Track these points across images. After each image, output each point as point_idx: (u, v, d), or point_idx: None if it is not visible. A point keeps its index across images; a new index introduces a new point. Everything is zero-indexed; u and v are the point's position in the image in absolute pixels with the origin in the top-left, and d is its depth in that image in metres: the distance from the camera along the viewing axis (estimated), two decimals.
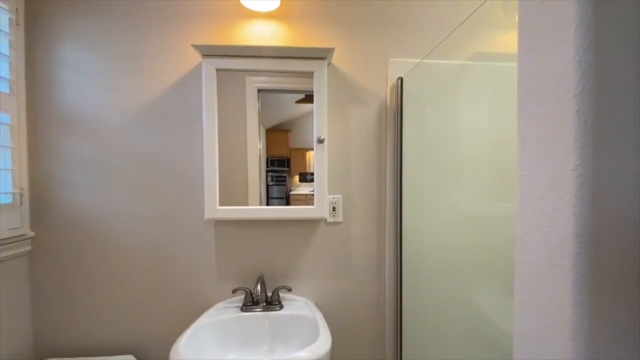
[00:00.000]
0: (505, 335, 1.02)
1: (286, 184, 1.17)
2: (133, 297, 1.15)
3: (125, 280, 1.14)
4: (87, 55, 1.11)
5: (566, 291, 0.35)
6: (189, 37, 1.12)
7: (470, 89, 1.16)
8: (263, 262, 1.17)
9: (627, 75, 0.33)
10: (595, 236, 0.33)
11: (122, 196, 1.13)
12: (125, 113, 1.12)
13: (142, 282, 1.15)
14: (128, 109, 1.12)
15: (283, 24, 1.14)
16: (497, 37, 1.19)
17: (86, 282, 1.14)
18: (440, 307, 1.17)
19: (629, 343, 0.33)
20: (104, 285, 1.14)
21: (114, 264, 1.14)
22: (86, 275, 1.13)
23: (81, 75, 1.11)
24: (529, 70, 0.41)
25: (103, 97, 1.11)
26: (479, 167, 1.15)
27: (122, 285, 1.14)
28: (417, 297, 1.18)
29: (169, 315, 1.16)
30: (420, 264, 1.19)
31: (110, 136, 1.12)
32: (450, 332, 1.13)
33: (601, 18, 0.33)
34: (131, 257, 1.14)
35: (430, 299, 1.18)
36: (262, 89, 1.12)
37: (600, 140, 0.33)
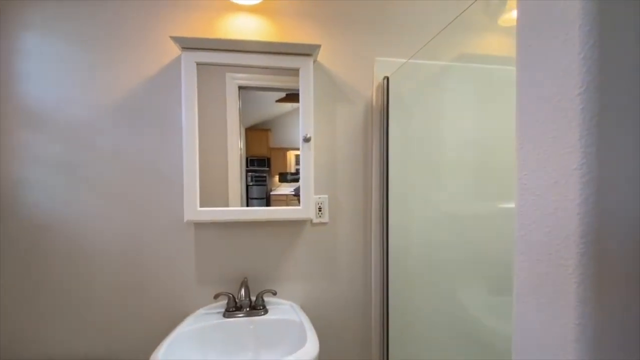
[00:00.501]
0: (490, 333, 1.04)
1: (266, 184, 1.14)
2: (106, 305, 1.07)
3: (97, 288, 1.06)
4: (55, 45, 1.02)
5: (570, 292, 0.35)
6: (167, 28, 1.06)
7: (454, 89, 1.17)
8: (246, 265, 1.13)
9: (632, 73, 0.32)
10: (600, 236, 0.33)
11: (92, 198, 1.05)
12: (96, 108, 1.04)
13: (115, 289, 1.07)
14: (99, 104, 1.04)
15: (267, 19, 1.10)
16: (481, 40, 1.22)
17: (53, 290, 1.04)
18: (426, 305, 1.18)
19: (633, 344, 0.33)
20: (73, 294, 1.05)
21: (84, 270, 1.06)
22: (53, 283, 1.04)
23: (48, 67, 1.02)
24: (529, 67, 0.40)
25: (72, 91, 1.03)
26: (462, 167, 1.17)
27: (93, 293, 1.06)
28: (404, 296, 1.18)
29: (146, 323, 1.08)
30: (406, 263, 1.19)
31: (80, 133, 1.04)
32: (437, 331, 1.14)
33: (606, 15, 0.32)
34: (104, 263, 1.06)
35: (416, 297, 1.19)
36: (243, 87, 1.08)
37: (605, 139, 0.32)
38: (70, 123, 1.03)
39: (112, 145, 1.05)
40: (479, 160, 1.15)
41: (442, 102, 1.18)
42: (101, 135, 1.05)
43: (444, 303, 1.14)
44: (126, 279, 1.07)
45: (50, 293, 1.04)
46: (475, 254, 1.11)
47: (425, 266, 1.18)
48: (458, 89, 1.18)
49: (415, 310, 1.18)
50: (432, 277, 1.17)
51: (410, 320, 1.18)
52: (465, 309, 1.10)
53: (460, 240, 1.15)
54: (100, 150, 1.05)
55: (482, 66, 1.17)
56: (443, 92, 1.18)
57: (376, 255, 1.20)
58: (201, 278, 1.11)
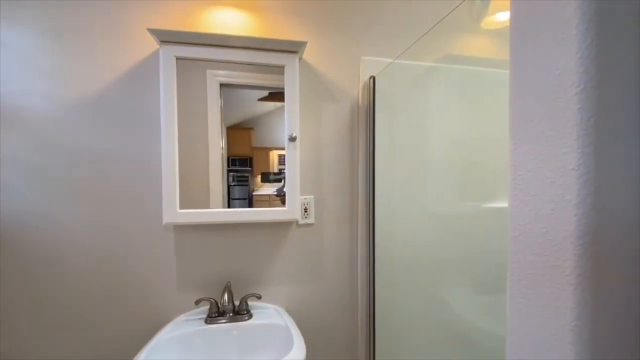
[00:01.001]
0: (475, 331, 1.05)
1: (249, 185, 1.10)
2: (81, 312, 1.00)
3: (71, 295, 0.99)
4: (23, 35, 0.94)
5: (567, 293, 0.34)
6: (144, 19, 1.00)
7: (439, 90, 1.18)
8: (230, 269, 1.08)
9: (630, 72, 0.32)
10: (597, 237, 0.32)
11: (61, 201, 0.97)
12: (68, 104, 0.97)
13: (90, 296, 1.00)
14: (71, 100, 0.97)
15: (252, 15, 1.07)
16: (464, 42, 1.23)
17: (24, 298, 0.96)
18: (412, 304, 1.18)
19: (630, 346, 0.33)
20: (45, 301, 0.98)
21: (58, 277, 0.98)
22: (24, 291, 0.96)
23: (14, 59, 0.94)
24: (523, 66, 0.40)
25: (41, 86, 0.95)
26: (447, 167, 1.18)
27: (67, 300, 0.99)
28: (390, 296, 1.17)
29: (123, 332, 1.02)
30: (392, 263, 1.19)
31: (47, 130, 0.96)
32: (422, 330, 1.15)
33: (603, 14, 0.32)
34: (78, 269, 0.99)
35: (402, 297, 1.19)
36: (225, 84, 1.04)
37: (603, 139, 0.32)
38: (39, 120, 0.95)
39: (86, 144, 0.98)
40: (464, 160, 1.17)
41: (427, 103, 1.19)
42: (74, 133, 0.98)
43: (429, 302, 1.14)
44: (101, 285, 1.01)
45: (21, 301, 0.96)
46: (460, 254, 1.12)
47: (411, 266, 1.19)
48: (443, 90, 1.19)
49: (401, 310, 1.18)
50: (418, 277, 1.18)
51: (397, 320, 1.18)
52: (451, 307, 1.11)
53: (445, 240, 1.16)
54: (73, 149, 0.98)
55: (466, 67, 1.18)
56: (428, 92, 1.18)
57: (362, 256, 1.19)
58: (182, 283, 1.06)
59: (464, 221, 1.15)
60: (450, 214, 1.16)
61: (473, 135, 1.14)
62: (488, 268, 1.05)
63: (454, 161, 1.17)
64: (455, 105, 1.17)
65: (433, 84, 1.18)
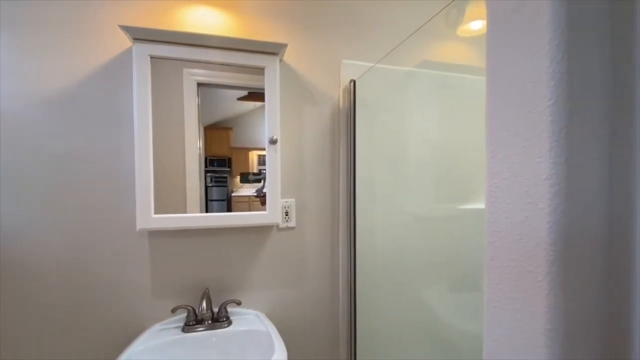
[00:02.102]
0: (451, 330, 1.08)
1: (227, 186, 1.07)
2: (48, 324, 0.94)
3: (37, 307, 0.93)
4: None
5: (540, 298, 0.36)
6: (114, 15, 0.95)
7: (417, 94, 1.21)
8: (208, 275, 1.05)
9: (599, 87, 0.34)
10: (568, 244, 0.34)
11: (31, 205, 0.91)
12: (30, 102, 0.91)
13: (59, 305, 0.94)
14: (34, 98, 0.91)
15: (231, 15, 1.05)
16: (441, 48, 1.27)
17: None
18: (392, 305, 1.19)
19: (600, 346, 0.35)
20: (9, 314, 0.91)
21: (22, 286, 0.91)
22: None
23: None
24: (499, 78, 0.41)
25: (2, 82, 0.89)
26: (425, 169, 1.20)
27: (33, 312, 0.92)
28: (371, 297, 1.18)
29: (94, 343, 0.97)
30: (373, 265, 1.20)
31: (10, 130, 0.90)
32: (402, 329, 1.16)
33: (574, 30, 0.34)
34: (42, 278, 0.93)
35: (382, 298, 1.20)
36: (202, 83, 1.01)
37: (574, 150, 0.34)
38: (2, 120, 0.89)
39: (52, 145, 0.92)
40: (441, 163, 1.20)
41: (406, 106, 1.21)
42: (39, 134, 0.91)
43: (409, 302, 1.16)
44: (71, 295, 0.95)
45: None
46: (438, 254, 1.15)
47: (391, 267, 1.20)
48: (421, 94, 1.21)
49: (382, 311, 1.19)
50: (398, 278, 1.20)
51: (377, 321, 1.19)
52: (429, 307, 1.14)
53: (424, 241, 1.19)
54: (37, 150, 0.91)
55: (443, 73, 1.22)
56: (407, 96, 1.21)
57: (343, 258, 1.19)
58: (157, 291, 1.02)
59: (441, 222, 1.18)
60: (428, 215, 1.19)
61: (450, 139, 1.17)
62: (464, 268, 1.09)
63: (432, 164, 1.19)
64: (433, 110, 1.20)
65: (412, 88, 1.20)
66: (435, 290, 1.15)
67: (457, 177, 1.18)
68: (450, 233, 1.17)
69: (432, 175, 1.21)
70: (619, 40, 0.35)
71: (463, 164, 1.14)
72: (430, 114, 1.20)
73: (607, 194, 0.34)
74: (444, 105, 1.21)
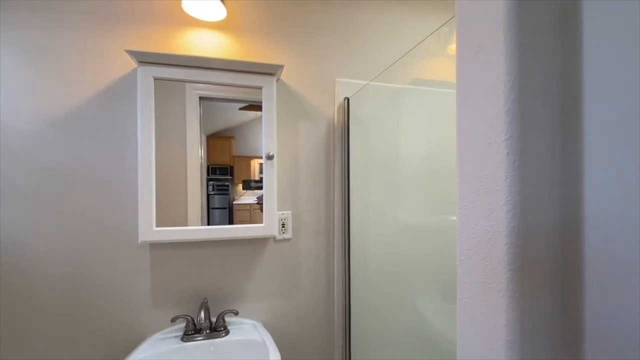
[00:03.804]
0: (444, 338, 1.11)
1: (229, 194, 1.11)
2: (52, 334, 0.97)
3: (42, 316, 0.97)
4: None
5: (501, 312, 0.39)
6: (121, 39, 1.01)
7: (409, 110, 1.26)
8: (207, 285, 1.09)
9: (546, 124, 0.39)
10: (523, 263, 0.38)
11: (32, 218, 0.96)
12: (39, 120, 0.96)
13: (63, 314, 0.98)
14: (46, 116, 0.96)
15: (230, 36, 1.10)
16: (433, 66, 1.32)
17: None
18: (386, 314, 1.22)
19: (556, 353, 0.39)
20: (14, 323, 0.95)
21: (26, 297, 0.95)
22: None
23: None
24: (466, 113, 0.45)
25: (12, 101, 0.94)
26: (417, 182, 1.25)
27: (38, 320, 0.96)
28: (365, 307, 1.22)
29: (96, 352, 1.00)
30: (367, 275, 1.23)
31: (19, 147, 0.95)
32: (397, 338, 1.19)
33: (525, 74, 0.38)
34: (47, 288, 0.97)
35: (377, 307, 1.23)
36: (205, 97, 1.06)
37: (526, 179, 0.38)
38: (9, 135, 0.94)
39: (60, 161, 0.98)
40: (432, 176, 1.24)
41: (398, 122, 1.26)
42: (48, 150, 0.97)
43: (403, 311, 1.19)
44: (75, 304, 0.99)
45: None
46: (430, 263, 1.19)
47: (385, 276, 1.24)
48: (413, 110, 1.26)
49: (376, 319, 1.22)
50: (392, 286, 1.23)
51: (372, 329, 1.22)
52: (422, 316, 1.17)
53: (416, 251, 1.22)
54: (46, 166, 0.97)
55: (434, 89, 1.27)
56: (399, 112, 1.25)
57: (339, 269, 1.23)
58: (157, 301, 1.05)
59: (433, 233, 1.22)
60: (420, 226, 1.23)
61: (440, 152, 1.22)
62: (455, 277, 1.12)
63: (424, 176, 1.24)
64: (425, 124, 1.25)
65: (404, 104, 1.25)
66: (428, 299, 1.18)
67: (448, 189, 1.22)
68: (442, 243, 1.20)
69: (424, 187, 1.25)
70: (567, 82, 0.39)
71: (454, 176, 1.18)
72: (422, 129, 1.25)
73: (559, 218, 0.39)
74: (435, 120, 1.26)
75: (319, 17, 1.19)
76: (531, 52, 0.39)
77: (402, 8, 1.29)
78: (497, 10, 0.40)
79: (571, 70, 0.39)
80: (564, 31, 0.40)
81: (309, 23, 1.18)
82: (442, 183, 1.21)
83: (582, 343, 0.38)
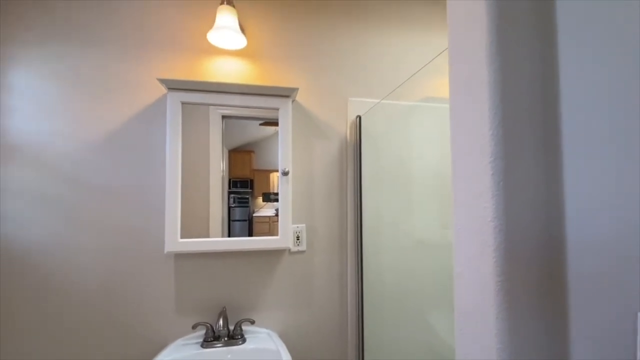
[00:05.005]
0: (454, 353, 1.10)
1: (249, 206, 1.17)
2: (83, 337, 1.06)
3: (73, 319, 1.06)
4: (45, 82, 1.07)
5: (491, 323, 0.42)
6: (153, 68, 1.13)
7: (420, 126, 1.29)
8: (225, 294, 1.15)
9: (528, 149, 0.42)
10: (510, 276, 0.41)
11: (70, 230, 1.06)
12: (81, 143, 1.08)
13: (94, 321, 1.07)
14: (84, 139, 1.08)
15: (250, 62, 1.20)
16: (443, 84, 1.36)
17: (27, 323, 1.03)
18: (399, 327, 1.23)
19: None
20: (49, 325, 1.04)
21: (60, 302, 1.05)
22: (28, 315, 1.03)
23: (36, 103, 1.06)
24: (458, 137, 0.50)
25: (59, 126, 1.07)
26: (428, 197, 1.27)
27: (71, 325, 1.06)
28: (378, 320, 1.23)
29: (124, 354, 1.08)
30: (380, 288, 1.25)
31: (61, 166, 1.07)
32: (409, 352, 1.19)
33: (507, 101, 0.42)
34: (80, 295, 1.06)
35: (390, 320, 1.24)
36: (227, 116, 1.15)
37: (510, 198, 0.41)
38: (54, 156, 1.06)
39: (95, 178, 1.08)
40: (443, 191, 1.25)
41: (409, 137, 1.29)
42: (85, 168, 1.08)
43: (415, 325, 1.20)
44: (105, 311, 1.08)
45: (25, 324, 1.03)
46: (442, 278, 1.19)
47: (397, 289, 1.25)
48: (423, 126, 1.29)
49: (389, 333, 1.23)
50: (404, 300, 1.24)
51: (384, 343, 1.22)
52: (434, 330, 1.17)
53: (428, 265, 1.23)
54: (83, 183, 1.08)
55: (444, 106, 1.30)
56: (410, 128, 1.29)
57: (352, 282, 1.25)
58: (180, 308, 1.12)
59: (444, 247, 1.22)
60: (433, 240, 1.24)
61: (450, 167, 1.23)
62: None
63: (436, 191, 1.26)
64: (436, 140, 1.28)
65: (415, 120, 1.29)
66: (440, 313, 1.17)
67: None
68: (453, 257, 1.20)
69: (434, 202, 1.27)
70: (548, 107, 0.43)
71: None
72: (432, 145, 1.28)
73: (544, 232, 0.42)
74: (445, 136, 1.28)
75: (332, 43, 1.27)
76: (513, 82, 0.43)
77: (411, 33, 1.34)
78: (481, 44, 0.44)
79: (551, 97, 0.43)
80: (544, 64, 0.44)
81: (322, 48, 1.26)
82: (451, 199, 1.22)
83: (568, 351, 0.40)
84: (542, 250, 0.41)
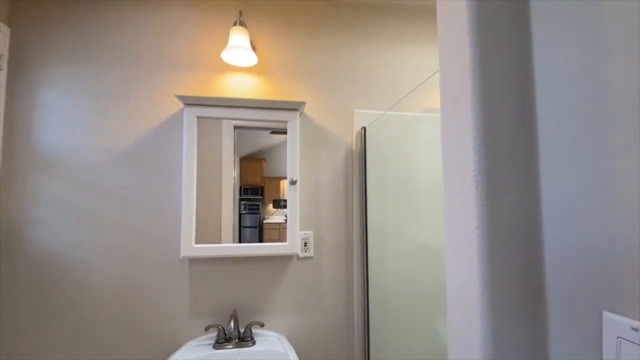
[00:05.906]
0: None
1: (259, 213, 1.22)
2: (102, 336, 1.13)
3: (95, 320, 1.13)
4: (71, 99, 1.16)
5: (476, 327, 0.46)
6: (171, 86, 1.21)
7: (422, 136, 1.33)
8: (236, 298, 1.21)
9: (510, 165, 0.47)
10: (493, 281, 0.45)
11: (92, 235, 1.15)
12: (104, 154, 1.17)
13: (112, 321, 1.14)
14: (107, 150, 1.17)
15: (260, 78, 1.28)
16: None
17: (51, 323, 1.11)
18: (404, 332, 1.26)
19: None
20: (70, 326, 1.12)
21: (81, 302, 1.13)
22: (51, 316, 1.11)
23: (64, 118, 1.16)
24: (449, 153, 0.54)
25: (84, 139, 1.16)
26: (432, 205, 1.30)
27: (90, 325, 1.13)
28: (384, 324, 1.26)
29: (140, 354, 1.14)
30: (385, 293, 1.28)
31: (87, 177, 1.16)
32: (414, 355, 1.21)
33: (488, 122, 0.47)
34: (99, 296, 1.14)
35: (395, 325, 1.27)
36: (239, 126, 1.22)
37: (493, 208, 0.46)
38: (80, 167, 1.15)
39: (116, 187, 1.17)
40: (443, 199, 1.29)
41: (412, 147, 1.34)
42: (107, 178, 1.17)
43: (420, 330, 1.22)
44: (120, 312, 1.15)
45: (48, 325, 1.11)
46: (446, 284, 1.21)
47: (403, 296, 1.28)
48: (426, 135, 1.34)
49: (395, 337, 1.26)
50: (409, 305, 1.27)
51: (390, 347, 1.25)
52: (439, 335, 1.19)
53: (433, 272, 1.26)
54: (105, 192, 1.16)
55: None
56: (414, 138, 1.34)
57: (358, 286, 1.29)
58: (194, 311, 1.18)
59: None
60: (436, 247, 1.27)
61: None
62: None
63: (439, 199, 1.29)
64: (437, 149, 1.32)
65: (418, 130, 1.33)
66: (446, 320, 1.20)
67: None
68: None
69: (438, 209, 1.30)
70: (527, 124, 0.47)
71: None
72: (435, 153, 1.31)
73: (523, 238, 0.46)
74: None
75: (337, 58, 1.34)
76: (495, 104, 0.47)
77: (411, 46, 1.40)
78: (466, 66, 0.49)
79: (529, 117, 0.47)
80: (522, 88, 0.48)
81: (328, 63, 1.33)
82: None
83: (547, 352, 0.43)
84: (522, 254, 0.45)
